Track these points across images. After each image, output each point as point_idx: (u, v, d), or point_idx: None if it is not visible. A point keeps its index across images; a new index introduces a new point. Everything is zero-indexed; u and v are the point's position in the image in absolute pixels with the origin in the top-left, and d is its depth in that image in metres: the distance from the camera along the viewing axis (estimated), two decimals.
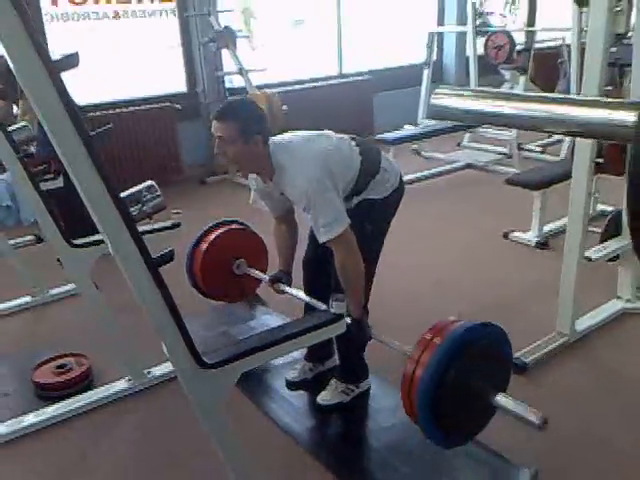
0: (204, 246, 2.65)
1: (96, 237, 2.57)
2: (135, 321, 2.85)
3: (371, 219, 2.27)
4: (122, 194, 1.29)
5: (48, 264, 3.74)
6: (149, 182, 1.54)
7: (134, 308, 2.80)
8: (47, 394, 2.61)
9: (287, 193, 2.15)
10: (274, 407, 2.52)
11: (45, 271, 3.59)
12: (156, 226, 2.17)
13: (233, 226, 2.77)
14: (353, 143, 2.27)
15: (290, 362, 2.69)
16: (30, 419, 2.43)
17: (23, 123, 2.76)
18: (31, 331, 3.27)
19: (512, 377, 2.59)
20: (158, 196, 1.50)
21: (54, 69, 1.07)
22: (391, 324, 2.94)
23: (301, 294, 2.43)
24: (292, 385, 2.62)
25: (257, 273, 2.66)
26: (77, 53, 3.22)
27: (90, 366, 2.72)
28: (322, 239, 2.07)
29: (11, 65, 1.07)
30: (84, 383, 2.66)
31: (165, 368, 2.69)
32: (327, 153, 2.12)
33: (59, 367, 2.70)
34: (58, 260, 3.75)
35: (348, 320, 2.13)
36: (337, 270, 2.12)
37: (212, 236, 2.67)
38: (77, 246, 2.41)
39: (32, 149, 2.95)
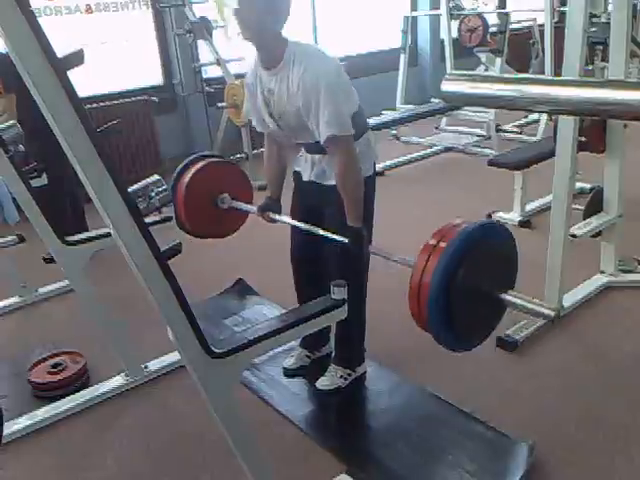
0: (185, 181, 2.48)
1: (89, 234, 2.59)
2: (129, 316, 2.88)
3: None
4: (129, 189, 1.29)
5: (33, 263, 3.73)
6: (155, 176, 1.54)
7: (127, 303, 2.84)
8: (44, 394, 2.60)
9: (289, 88, 2.03)
10: (273, 394, 2.55)
11: (31, 270, 3.57)
12: (148, 220, 2.16)
13: (213, 160, 2.62)
14: None
15: (286, 350, 2.72)
16: (28, 419, 2.42)
17: (12, 122, 2.72)
18: (23, 331, 3.24)
19: (503, 355, 2.70)
20: (165, 190, 1.51)
21: (61, 67, 1.07)
22: (376, 314, 3.00)
23: (294, 222, 2.34)
24: (290, 372, 2.65)
25: (243, 205, 2.53)
26: (82, 50, 3.16)
27: (86, 363, 2.72)
28: (326, 133, 1.99)
29: (17, 64, 1.06)
30: (80, 381, 2.66)
31: (162, 362, 2.71)
32: (339, 67, 2.07)
33: (54, 366, 2.69)
34: (44, 259, 3.74)
35: (348, 245, 2.09)
36: (336, 176, 2.10)
37: (192, 170, 2.51)
38: (71, 243, 2.39)
39: (21, 147, 2.91)
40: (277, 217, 2.38)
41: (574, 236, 2.86)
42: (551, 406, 2.37)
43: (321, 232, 2.17)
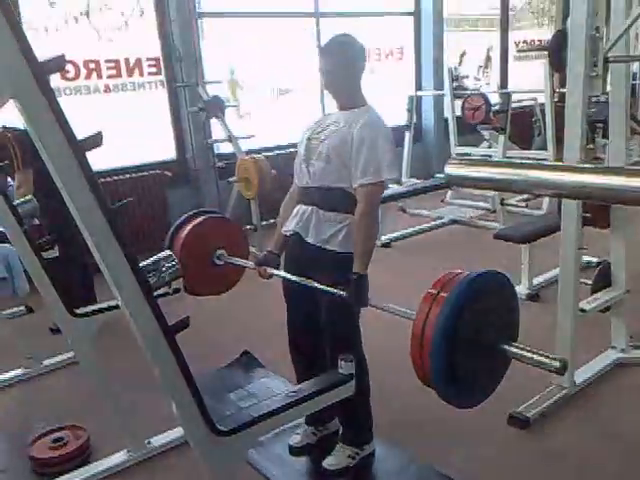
0: (182, 236, 2.54)
1: (97, 306, 2.60)
2: (134, 389, 2.84)
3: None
4: (141, 263, 1.32)
5: (39, 334, 3.73)
6: (167, 252, 1.58)
7: (133, 376, 2.81)
8: (44, 470, 2.54)
9: (351, 129, 2.22)
10: (278, 474, 2.48)
11: (37, 341, 3.56)
12: (160, 292, 2.19)
13: (210, 215, 2.67)
14: None
15: (292, 427, 2.66)
16: None
17: (29, 196, 2.80)
18: (26, 404, 3.19)
19: (515, 432, 2.63)
20: (175, 265, 1.54)
21: (80, 149, 1.12)
22: (384, 386, 2.95)
23: (290, 276, 2.32)
24: (296, 450, 2.58)
25: (240, 261, 2.53)
26: (100, 133, 3.29)
27: (88, 438, 2.66)
28: (362, 180, 2.16)
29: (37, 143, 1.12)
30: (82, 457, 2.60)
31: (165, 437, 2.65)
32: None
33: (55, 441, 2.63)
34: (50, 329, 3.75)
35: (345, 296, 2.08)
36: (356, 222, 2.17)
37: (189, 226, 2.56)
38: (79, 315, 2.40)
39: (36, 221, 2.98)
40: (275, 272, 2.37)
41: (583, 311, 2.84)
42: None
43: (317, 285, 2.17)
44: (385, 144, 2.19)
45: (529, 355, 1.57)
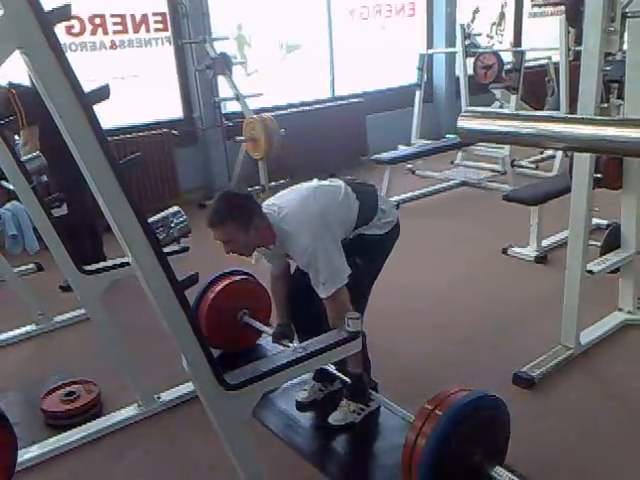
0: (210, 296, 2.81)
1: (107, 263, 2.62)
2: (144, 345, 2.89)
3: (363, 255, 2.33)
4: (149, 220, 1.32)
5: (50, 291, 3.77)
6: (175, 208, 1.57)
7: (143, 332, 2.85)
8: (56, 422, 2.60)
9: (290, 252, 2.26)
10: (286, 428, 2.52)
11: (47, 299, 3.61)
12: (166, 250, 2.19)
13: (238, 277, 2.93)
14: (349, 189, 2.35)
15: (299, 383, 2.70)
16: (40, 449, 2.42)
17: (36, 152, 2.78)
18: (38, 359, 3.25)
19: (519, 391, 2.66)
20: (184, 221, 1.54)
21: (87, 102, 1.10)
22: (393, 346, 2.98)
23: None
24: (302, 406, 2.62)
25: (260, 325, 2.79)
26: (107, 85, 3.23)
27: (99, 393, 2.72)
28: (322, 295, 2.16)
29: (45, 97, 1.10)
30: (93, 410, 2.66)
31: (175, 392, 2.70)
32: (324, 211, 2.21)
33: (68, 395, 2.69)
34: (60, 287, 3.80)
35: (347, 380, 2.30)
36: (330, 326, 2.16)
37: (219, 287, 2.85)
38: (89, 272, 2.42)
39: (44, 178, 2.98)
40: (291, 344, 2.54)
41: (591, 272, 2.83)
42: (570, 449, 2.31)
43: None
44: (319, 258, 2.16)
45: None
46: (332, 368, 2.45)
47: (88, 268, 2.47)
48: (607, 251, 3.09)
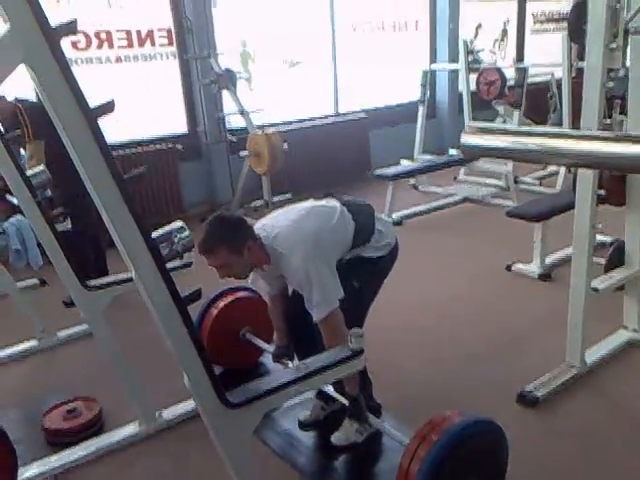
0: (214, 313, 2.82)
1: (110, 278, 2.61)
2: (146, 362, 2.87)
3: (359, 277, 2.31)
4: (153, 234, 1.31)
5: (53, 307, 3.76)
6: (179, 222, 1.57)
7: (145, 348, 2.83)
8: (57, 440, 2.58)
9: (283, 273, 2.24)
10: (288, 448, 2.50)
11: (51, 314, 3.59)
12: (169, 265, 2.19)
13: (242, 294, 2.94)
14: (345, 210, 2.32)
15: (300, 402, 2.67)
16: (41, 466, 2.40)
17: (41, 167, 2.79)
18: (40, 375, 3.23)
19: (522, 410, 2.63)
20: (187, 236, 1.54)
21: (92, 116, 1.10)
22: (396, 363, 2.96)
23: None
24: (305, 425, 2.59)
25: (262, 343, 2.79)
26: (113, 100, 3.25)
27: (101, 410, 2.70)
28: (315, 317, 2.14)
29: (50, 112, 1.10)
30: (94, 428, 2.64)
31: (176, 410, 2.68)
32: (318, 232, 2.19)
33: (69, 412, 2.67)
34: (64, 303, 3.78)
35: (345, 402, 2.28)
36: (325, 343, 2.15)
37: (222, 303, 2.87)
38: (92, 288, 2.41)
39: (48, 192, 2.98)
40: (290, 364, 2.55)
41: (596, 290, 2.81)
42: (574, 470, 2.28)
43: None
44: (312, 279, 2.15)
45: None
46: (330, 389, 2.44)
47: (91, 284, 2.47)
48: (611, 268, 3.07)
